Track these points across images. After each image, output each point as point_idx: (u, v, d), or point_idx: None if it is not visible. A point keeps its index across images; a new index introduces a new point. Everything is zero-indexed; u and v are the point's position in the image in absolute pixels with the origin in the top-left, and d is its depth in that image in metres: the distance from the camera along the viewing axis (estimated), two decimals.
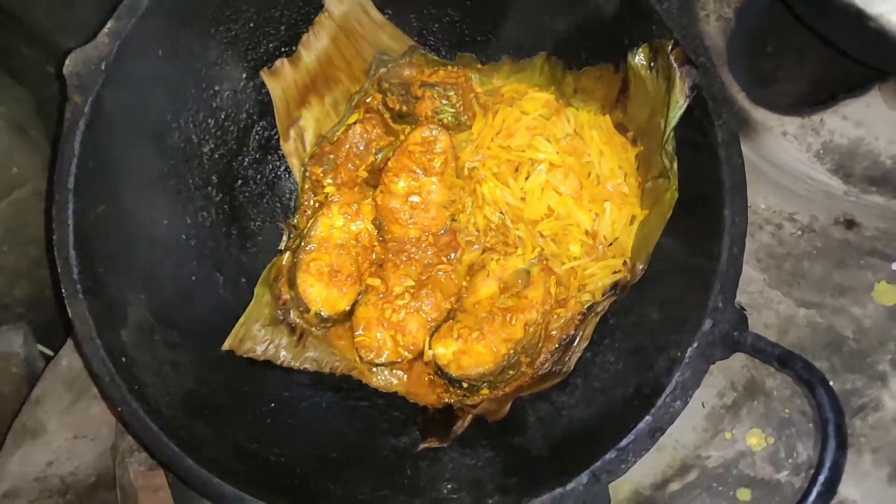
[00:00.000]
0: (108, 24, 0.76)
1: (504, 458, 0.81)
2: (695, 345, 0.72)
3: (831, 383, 0.77)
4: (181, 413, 0.77)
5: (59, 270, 0.75)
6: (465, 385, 0.87)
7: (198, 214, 0.91)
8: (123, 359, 0.76)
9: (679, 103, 0.75)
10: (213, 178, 0.93)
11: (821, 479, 0.58)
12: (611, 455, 0.71)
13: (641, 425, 0.72)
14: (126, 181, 0.82)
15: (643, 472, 0.79)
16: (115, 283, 0.78)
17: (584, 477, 0.71)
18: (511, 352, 0.85)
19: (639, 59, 0.80)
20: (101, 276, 0.77)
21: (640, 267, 0.83)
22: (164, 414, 0.75)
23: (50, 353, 1.18)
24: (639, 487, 0.79)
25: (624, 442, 0.71)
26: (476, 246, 0.93)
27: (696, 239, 0.78)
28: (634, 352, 0.81)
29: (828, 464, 0.58)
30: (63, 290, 0.74)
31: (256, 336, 0.90)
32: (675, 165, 0.80)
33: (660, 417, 0.72)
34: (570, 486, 0.71)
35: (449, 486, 0.78)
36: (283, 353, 0.91)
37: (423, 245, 0.93)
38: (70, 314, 0.74)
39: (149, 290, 0.83)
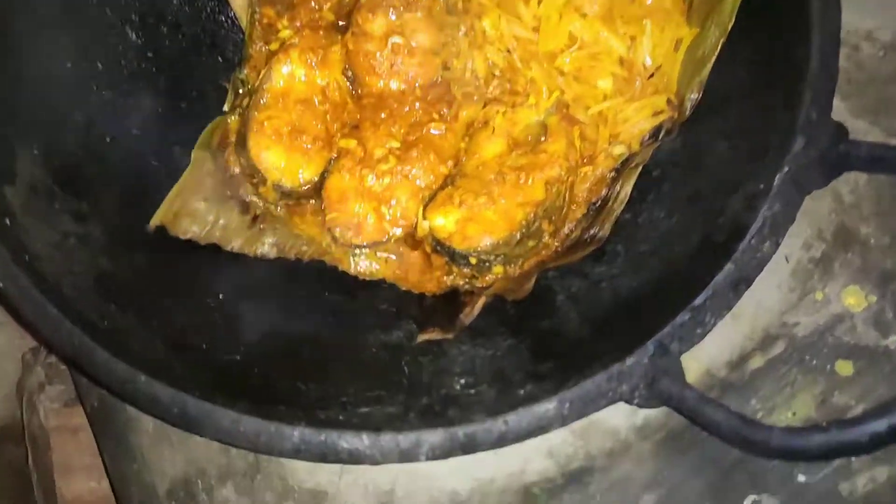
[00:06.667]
0: None
1: (531, 345, 0.62)
2: (785, 169, 0.55)
3: None
4: (91, 296, 0.57)
5: None
6: (472, 261, 0.67)
7: (112, 59, 0.70)
8: (7, 220, 0.55)
9: None
10: (133, 15, 0.72)
11: None
12: (683, 317, 0.54)
13: (720, 277, 0.54)
14: (17, 13, 0.62)
15: (716, 347, 0.61)
16: None
17: (649, 347, 0.53)
18: (531, 216, 0.66)
19: None
20: None
21: (693, 97, 0.65)
22: (65, 294, 0.55)
23: None
24: (711, 368, 0.61)
25: (700, 299, 0.54)
26: (476, 98, 0.74)
27: (771, 47, 0.60)
28: (692, 200, 0.63)
29: None
30: None
31: (196, 212, 0.69)
32: None
33: (744, 264, 0.54)
34: (629, 362, 0.53)
35: (462, 381, 0.59)
36: (232, 236, 0.70)
37: (410, 99, 0.73)
38: None
39: (45, 147, 0.63)
